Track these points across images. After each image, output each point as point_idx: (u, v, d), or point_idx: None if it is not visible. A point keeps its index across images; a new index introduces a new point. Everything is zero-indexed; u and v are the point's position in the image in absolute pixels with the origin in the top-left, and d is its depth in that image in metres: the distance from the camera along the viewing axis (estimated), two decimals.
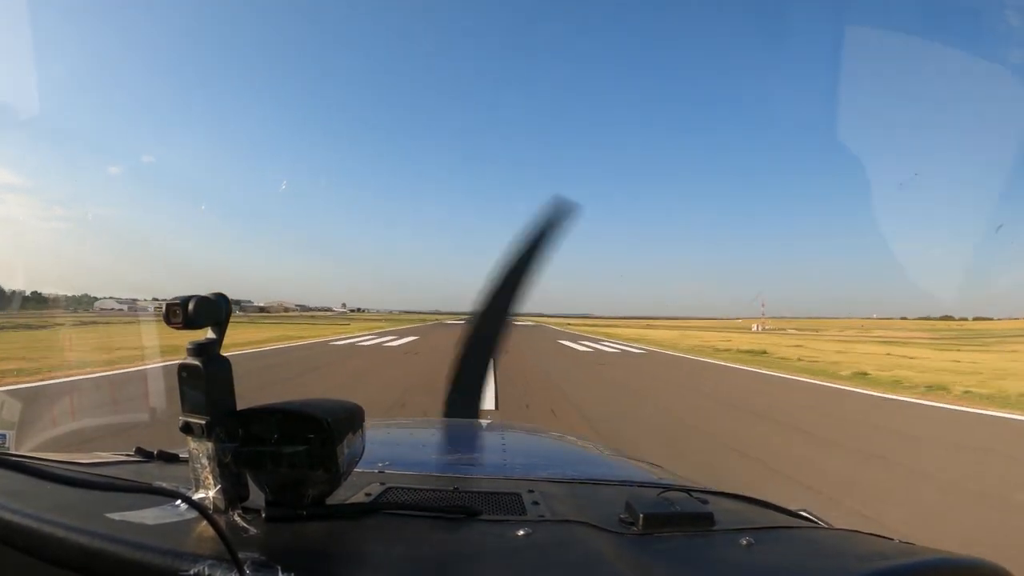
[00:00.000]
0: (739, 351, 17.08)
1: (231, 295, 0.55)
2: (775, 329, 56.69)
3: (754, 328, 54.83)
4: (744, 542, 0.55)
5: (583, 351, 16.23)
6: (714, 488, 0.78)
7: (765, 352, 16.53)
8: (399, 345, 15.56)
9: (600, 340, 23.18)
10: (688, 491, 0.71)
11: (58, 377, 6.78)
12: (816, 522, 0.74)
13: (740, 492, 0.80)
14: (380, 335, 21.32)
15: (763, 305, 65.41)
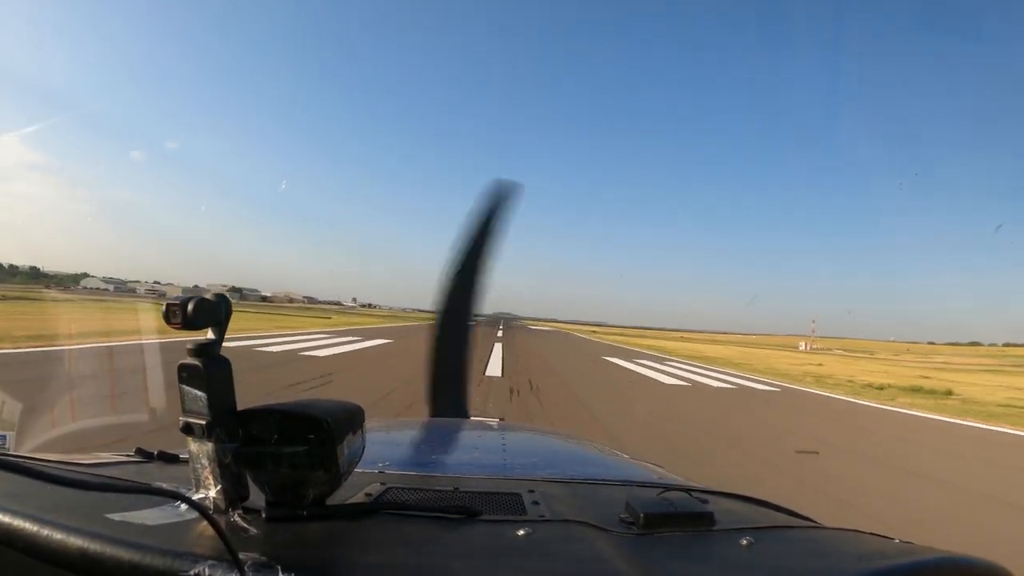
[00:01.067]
0: (896, 387, 12.43)
1: (245, 283, 0.53)
2: (823, 349, 50.73)
3: (802, 347, 49.28)
4: (744, 542, 0.56)
5: (677, 388, 9.81)
6: (714, 488, 0.79)
7: (951, 393, 11.70)
8: (339, 355, 10.74)
9: (665, 360, 16.78)
10: (688, 491, 0.71)
11: None
12: (816, 522, 0.75)
13: (740, 492, 0.80)
14: (342, 335, 16.49)
15: (813, 322, 59.97)
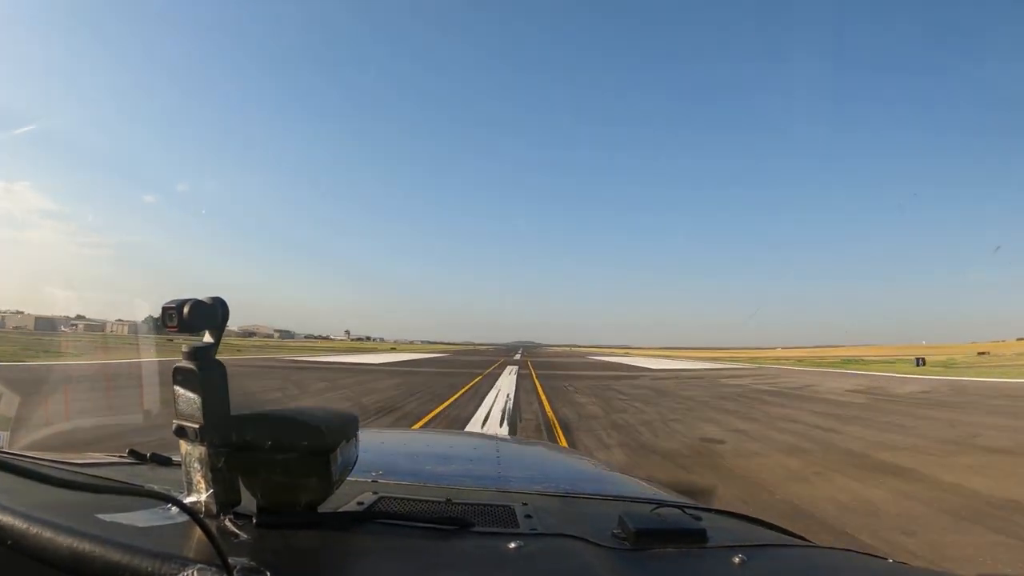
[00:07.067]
0: None
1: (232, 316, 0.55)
2: None
3: None
4: (737, 559, 0.55)
5: None
6: (708, 505, 0.79)
7: None
8: None
9: None
10: (681, 507, 0.72)
11: None
12: (810, 541, 0.74)
13: (734, 509, 0.81)
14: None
15: None
